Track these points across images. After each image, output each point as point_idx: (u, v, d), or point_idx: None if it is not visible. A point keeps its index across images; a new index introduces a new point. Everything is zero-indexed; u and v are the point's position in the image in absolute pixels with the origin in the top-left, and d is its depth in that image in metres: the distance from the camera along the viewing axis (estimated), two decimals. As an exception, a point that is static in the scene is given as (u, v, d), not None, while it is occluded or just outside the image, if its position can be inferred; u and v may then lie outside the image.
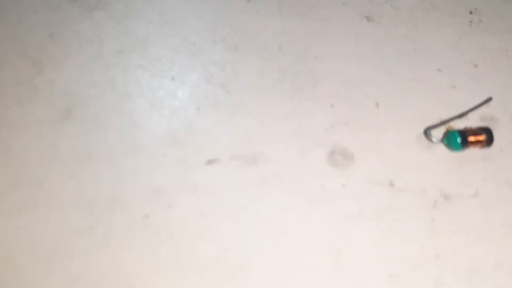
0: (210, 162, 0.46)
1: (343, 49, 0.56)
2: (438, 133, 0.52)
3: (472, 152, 0.49)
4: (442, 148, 0.49)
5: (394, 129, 0.50)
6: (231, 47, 0.54)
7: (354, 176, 0.47)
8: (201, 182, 0.46)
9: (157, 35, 0.55)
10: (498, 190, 0.47)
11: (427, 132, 0.48)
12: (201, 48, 0.54)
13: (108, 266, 0.42)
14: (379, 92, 0.52)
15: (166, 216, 0.44)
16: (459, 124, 0.51)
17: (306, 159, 0.47)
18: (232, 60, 0.54)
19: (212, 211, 0.44)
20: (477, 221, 0.45)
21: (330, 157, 0.47)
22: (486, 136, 0.48)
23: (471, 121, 0.51)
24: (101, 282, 0.41)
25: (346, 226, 0.44)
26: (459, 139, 0.47)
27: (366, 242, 0.44)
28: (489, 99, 0.52)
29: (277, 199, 0.45)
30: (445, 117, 0.51)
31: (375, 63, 0.54)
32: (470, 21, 0.61)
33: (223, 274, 0.44)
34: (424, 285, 0.42)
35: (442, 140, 0.48)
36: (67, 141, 0.47)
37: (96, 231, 0.44)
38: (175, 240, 0.43)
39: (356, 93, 0.52)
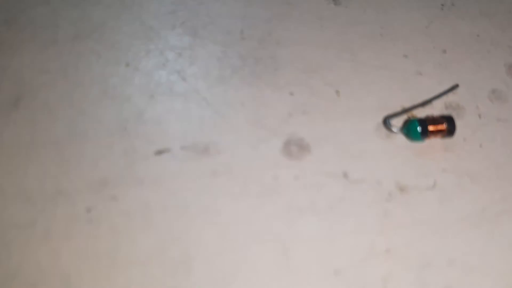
0: (159, 152, 0.44)
1: (307, 34, 0.54)
2: (399, 122, 0.49)
3: (434, 142, 0.46)
4: (402, 138, 0.46)
5: (353, 118, 0.48)
6: (191, 31, 0.53)
7: (308, 167, 0.45)
8: (148, 174, 0.44)
9: (115, 20, 0.53)
10: (458, 182, 0.45)
11: (386, 121, 0.46)
12: (158, 33, 0.53)
13: (47, 261, 0.41)
14: (341, 79, 0.50)
15: (109, 209, 0.43)
16: (423, 113, 0.48)
17: (260, 150, 0.46)
18: (191, 46, 0.52)
19: (157, 204, 0.43)
20: (432, 215, 0.44)
21: (285, 147, 0.46)
22: (448, 125, 0.46)
23: (436, 110, 0.49)
24: (39, 278, 0.41)
25: (296, 220, 0.43)
26: (419, 129, 0.45)
27: (315, 236, 0.42)
28: (455, 86, 0.50)
29: (227, 191, 0.44)
30: (408, 105, 0.48)
31: (339, 49, 0.52)
32: (442, 5, 0.58)
33: (164, 269, 0.43)
34: (372, 281, 0.40)
35: (401, 130, 0.45)
36: (13, 130, 0.46)
37: (37, 224, 0.43)
38: (117, 234, 0.42)
39: (317, 80, 0.50)
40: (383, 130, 0.48)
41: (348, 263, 0.42)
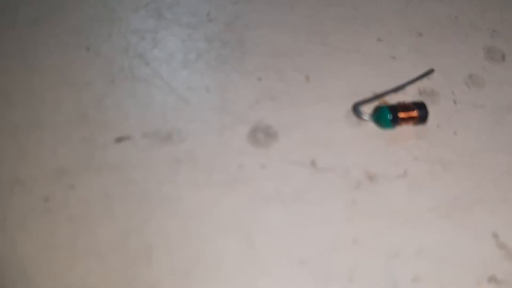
0: (119, 140, 0.45)
1: (277, 16, 0.54)
2: (370, 109, 0.50)
3: (405, 129, 0.47)
4: (372, 126, 0.47)
5: (323, 104, 0.48)
6: (155, 14, 0.53)
7: (275, 155, 0.45)
8: (108, 162, 0.44)
9: (76, 2, 0.53)
10: (429, 170, 0.46)
11: (355, 108, 0.46)
12: (121, 15, 0.53)
13: (3, 251, 0.41)
14: (311, 64, 0.50)
15: (67, 198, 0.43)
16: (395, 99, 0.48)
17: (226, 138, 0.46)
18: (154, 28, 0.52)
19: (117, 193, 0.43)
20: (402, 204, 0.44)
21: (251, 135, 0.46)
22: (420, 112, 0.46)
23: (409, 96, 0.49)
24: (-6, 268, 0.40)
25: (261, 209, 0.43)
26: (389, 116, 0.45)
27: (280, 225, 0.43)
28: (430, 71, 0.50)
29: (190, 180, 0.44)
30: (380, 91, 0.48)
31: (311, 32, 0.52)
32: (419, -15, 0.58)
33: (124, 260, 0.43)
34: (338, 271, 0.41)
35: (371, 117, 0.46)
36: (-33, 117, 0.45)
37: (-8, 213, 0.42)
38: (75, 224, 0.43)
39: (286, 65, 0.50)
40: (353, 117, 0.48)
41: (314, 253, 0.43)
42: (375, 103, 0.48)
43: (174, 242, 0.42)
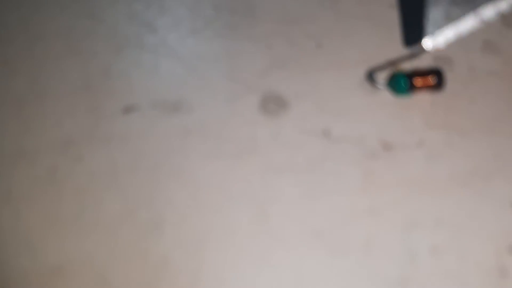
0: (127, 109, 0.43)
1: None
2: (384, 76, 0.49)
3: (421, 97, 0.45)
4: (386, 93, 0.45)
5: (335, 72, 0.46)
6: (161, -20, 0.50)
7: (287, 125, 0.45)
8: (115, 132, 0.44)
9: (79, -32, 0.51)
10: (446, 139, 0.44)
11: (369, 75, 0.45)
12: (126, -19, 0.50)
13: (8, 223, 0.41)
14: (322, 31, 0.49)
15: (74, 170, 0.42)
16: (409, 66, 0.46)
17: (236, 107, 0.45)
18: (161, -5, 0.50)
19: (126, 164, 0.42)
20: (418, 173, 0.43)
21: (262, 104, 0.45)
22: (436, 78, 0.44)
23: (424, 63, 0.48)
24: (0, 240, 0.39)
25: (273, 180, 0.42)
26: (404, 83, 0.44)
27: (293, 196, 0.42)
28: (444, 38, 0.48)
29: (200, 150, 0.43)
30: (394, 58, 0.47)
31: (321, -2, 0.50)
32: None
33: (134, 232, 0.43)
34: (354, 243, 0.40)
35: (386, 84, 0.44)
36: (-31, 87, 0.44)
37: (-3, 185, 0.41)
38: (81, 196, 0.42)
39: (296, 32, 0.48)
40: (367, 85, 0.46)
41: (328, 225, 0.42)
42: (389, 70, 0.46)
43: (185, 214, 0.42)
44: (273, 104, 0.45)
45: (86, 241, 0.40)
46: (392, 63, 0.47)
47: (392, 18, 0.50)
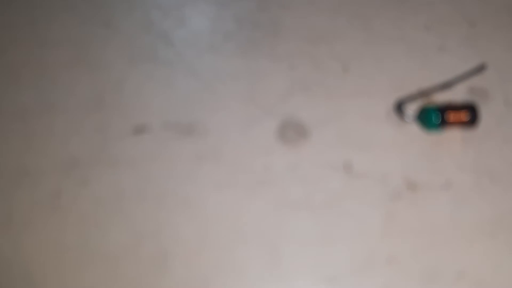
0: (137, 130, 0.41)
1: None
2: (413, 107, 0.48)
3: (452, 133, 0.42)
4: (415, 126, 0.43)
5: (361, 99, 0.44)
6: (181, -14, 0.48)
7: (306, 155, 0.43)
8: (123, 155, 0.42)
9: (94, -30, 0.48)
10: (476, 182, 0.42)
11: (399, 107, 0.42)
12: (144, -13, 0.48)
13: (7, 250, 0.39)
14: (350, 53, 0.46)
15: (79, 194, 0.41)
16: (442, 97, 0.44)
17: (252, 133, 0.43)
18: (180, 4, 0.48)
19: (133, 190, 0.41)
20: (443, 219, 0.41)
21: (280, 131, 0.42)
22: (470, 114, 0.42)
23: (457, 94, 0.45)
24: (-4, 269, 0.38)
25: (288, 216, 0.41)
26: (435, 118, 0.41)
27: (308, 237, 0.40)
28: (482, 68, 0.45)
29: (212, 179, 0.42)
30: (426, 86, 0.44)
31: (352, 14, 0.48)
32: (475, -33, 0.53)
33: (137, 266, 0.42)
34: (369, 294, 0.37)
35: (416, 117, 0.41)
36: (-27, 96, 0.42)
37: (-4, 208, 0.39)
38: (85, 224, 0.42)
39: (322, 52, 0.46)
40: (394, 116, 0.44)
41: (344, 271, 0.41)
42: (420, 102, 0.43)
43: (192, 248, 0.41)
44: (292, 131, 0.43)
45: (87, 273, 0.39)
46: (423, 93, 0.45)
47: (427, 42, 0.48)
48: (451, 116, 0.44)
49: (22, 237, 0.40)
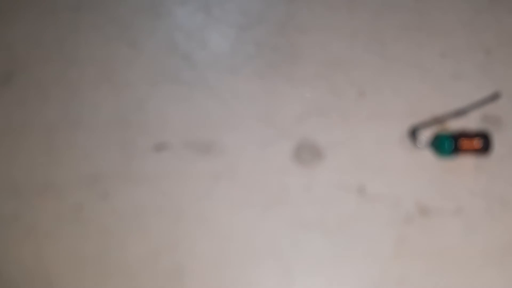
0: (158, 147, 0.44)
1: (335, 20, 0.52)
2: (427, 133, 0.48)
3: (464, 159, 0.44)
4: (429, 153, 0.44)
5: (376, 124, 0.46)
6: (203, 9, 0.51)
7: (320, 177, 0.45)
8: (144, 171, 0.44)
9: (121, -10, 0.51)
10: (487, 209, 0.44)
11: (413, 134, 0.44)
12: (168, 8, 0.51)
13: (29, 260, 0.42)
14: (366, 78, 0.48)
15: (100, 208, 0.43)
16: (456, 124, 0.45)
17: (268, 153, 0.45)
18: (202, 26, 0.51)
19: (152, 206, 0.43)
20: (453, 244, 0.43)
21: (296, 152, 0.44)
22: (483, 142, 0.43)
23: (471, 122, 0.47)
24: (19, 276, 0.40)
25: (302, 236, 0.43)
26: (448, 145, 0.43)
27: (321, 257, 0.42)
28: (496, 96, 0.47)
29: (228, 198, 0.44)
30: (440, 112, 0.46)
31: (369, 40, 0.50)
32: (492, -5, 0.55)
33: (154, 279, 0.43)
34: (378, 315, 0.39)
35: (429, 143, 0.43)
36: (1, 110, 0.44)
37: (21, 218, 0.42)
38: (106, 237, 0.44)
39: (339, 76, 0.48)
40: (408, 141, 0.45)
41: None
42: (434, 128, 0.45)
43: (207, 265, 0.43)
44: (308, 153, 0.45)
45: (105, 285, 0.40)
46: (438, 120, 0.46)
47: (443, 69, 0.49)
48: (464, 143, 0.45)
49: (45, 248, 0.42)
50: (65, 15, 0.50)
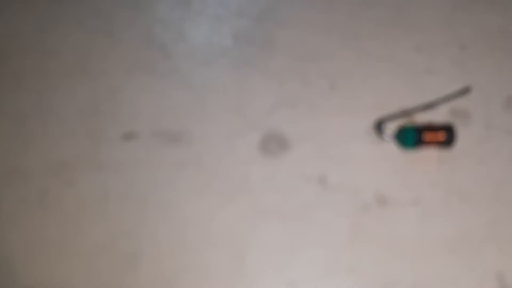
0: (127, 136, 0.46)
1: (313, 14, 0.53)
2: (393, 125, 0.49)
3: (428, 152, 0.45)
4: (393, 145, 0.45)
5: (344, 116, 0.47)
6: (184, 1, 0.52)
7: (284, 167, 0.46)
8: (111, 159, 0.46)
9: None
10: (445, 199, 0.45)
11: (378, 126, 0.45)
12: (150, 0, 0.52)
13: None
14: (338, 71, 0.49)
15: (65, 194, 0.45)
16: (423, 117, 0.46)
17: (235, 143, 0.46)
18: (181, 19, 0.52)
19: (116, 193, 0.45)
20: (407, 233, 0.44)
21: (263, 143, 0.46)
22: (446, 135, 0.44)
23: (439, 115, 0.47)
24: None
25: (259, 224, 0.44)
26: (412, 137, 0.44)
27: (275, 244, 0.44)
28: (466, 90, 0.48)
29: (191, 186, 0.45)
30: (410, 106, 0.47)
31: (345, 35, 0.51)
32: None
33: (111, 263, 0.45)
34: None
35: (394, 136, 0.44)
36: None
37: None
38: (67, 221, 0.45)
39: (312, 69, 0.49)
40: (374, 134, 0.46)
41: (305, 277, 0.44)
42: (401, 121, 0.45)
43: (163, 250, 0.44)
44: (274, 144, 0.46)
45: (63, 268, 0.43)
46: (405, 113, 0.47)
47: (416, 63, 0.50)
48: (428, 136, 0.46)
49: (6, 231, 0.44)
50: (45, 6, 0.52)
